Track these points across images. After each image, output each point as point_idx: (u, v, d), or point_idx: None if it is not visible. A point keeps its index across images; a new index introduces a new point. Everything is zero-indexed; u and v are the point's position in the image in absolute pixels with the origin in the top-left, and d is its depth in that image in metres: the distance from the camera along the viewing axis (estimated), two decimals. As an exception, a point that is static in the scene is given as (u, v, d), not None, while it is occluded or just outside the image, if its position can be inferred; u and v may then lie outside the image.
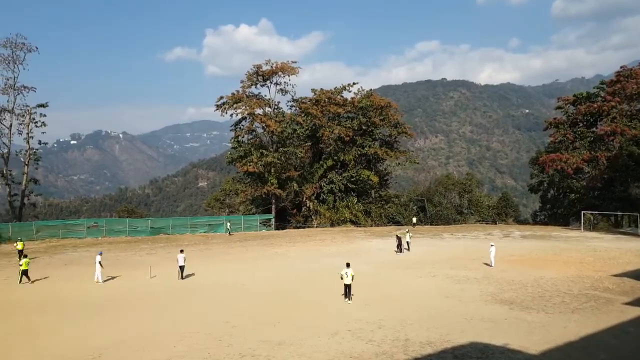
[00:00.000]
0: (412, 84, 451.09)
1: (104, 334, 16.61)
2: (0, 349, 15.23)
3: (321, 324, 17.47)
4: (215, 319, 18.30)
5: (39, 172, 60.60)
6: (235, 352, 14.60)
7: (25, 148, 55.80)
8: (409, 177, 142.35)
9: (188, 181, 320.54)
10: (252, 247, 41.29)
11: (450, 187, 73.11)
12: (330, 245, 42.36)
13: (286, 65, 62.51)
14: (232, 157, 64.22)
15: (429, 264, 31.25)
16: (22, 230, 47.83)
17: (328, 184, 65.34)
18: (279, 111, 65.75)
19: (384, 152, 67.83)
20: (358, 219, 63.62)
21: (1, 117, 53.35)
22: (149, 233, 51.66)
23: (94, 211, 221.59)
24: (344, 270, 20.88)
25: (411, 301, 21.14)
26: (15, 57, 53.51)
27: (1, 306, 20.93)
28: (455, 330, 16.66)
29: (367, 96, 69.83)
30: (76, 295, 23.11)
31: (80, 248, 41.26)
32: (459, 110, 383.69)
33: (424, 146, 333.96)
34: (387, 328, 16.98)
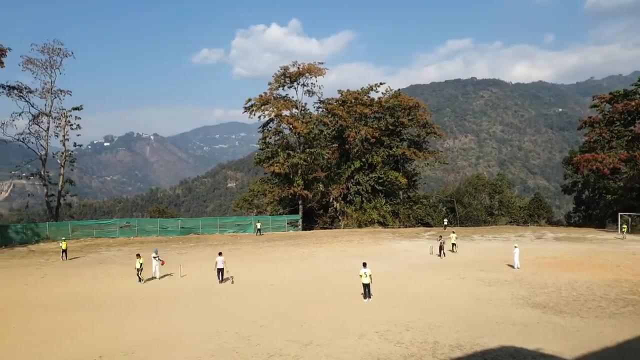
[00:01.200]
0: (441, 84, 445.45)
1: (137, 332, 16.98)
2: (40, 344, 15.76)
3: (348, 325, 17.41)
4: (244, 318, 18.47)
5: (74, 174, 62.48)
6: (263, 352, 14.70)
7: (62, 150, 57.55)
8: (438, 178, 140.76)
9: (217, 182, 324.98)
10: (279, 248, 41.54)
11: (480, 187, 71.80)
12: (357, 246, 42.21)
13: (313, 67, 62.71)
14: (259, 158, 64.85)
15: (458, 265, 30.77)
16: (58, 229, 49.49)
17: (355, 185, 65.15)
18: (306, 112, 65.98)
19: (412, 153, 67.19)
20: (386, 220, 63.19)
21: (39, 120, 55.15)
22: (179, 233, 52.62)
23: (126, 211, 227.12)
24: (362, 270, 21.19)
25: (440, 303, 20.84)
26: (53, 62, 55.31)
27: (39, 303, 21.67)
28: (485, 334, 16.34)
29: (395, 96, 69.31)
30: (110, 293, 23.72)
31: (113, 247, 42.35)
32: (489, 110, 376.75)
33: (454, 146, 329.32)
34: (415, 330, 16.79)
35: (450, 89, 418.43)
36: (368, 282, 21.05)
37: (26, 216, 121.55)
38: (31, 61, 53.82)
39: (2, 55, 47.86)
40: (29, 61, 53.73)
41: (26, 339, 16.33)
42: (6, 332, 17.09)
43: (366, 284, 21.09)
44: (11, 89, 52.27)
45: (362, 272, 21.17)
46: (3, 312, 19.97)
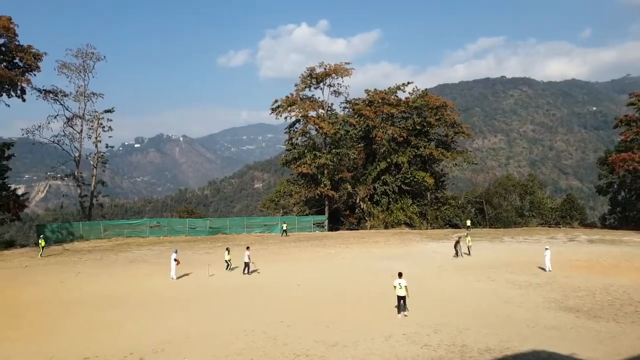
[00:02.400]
0: (469, 83, 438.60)
1: (166, 330, 17.28)
2: (74, 340, 16.22)
3: (375, 327, 17.29)
4: (271, 318, 18.57)
5: (106, 174, 64.14)
6: (290, 352, 14.74)
7: (94, 151, 59.07)
8: (467, 178, 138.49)
9: (244, 182, 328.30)
10: (305, 248, 41.63)
11: (510, 188, 70.28)
12: (384, 247, 41.93)
13: (339, 67, 62.64)
14: (286, 159, 65.16)
15: (487, 268, 30.22)
16: (91, 229, 50.87)
17: (382, 185, 64.72)
18: (332, 113, 65.96)
19: (439, 153, 66.31)
20: (413, 221, 62.54)
21: (73, 123, 56.74)
22: (208, 233, 53.34)
23: (156, 211, 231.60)
24: (397, 281, 18.98)
25: (469, 306, 20.49)
26: (86, 66, 56.80)
27: (73, 300, 22.30)
28: (516, 337, 15.97)
29: (422, 96, 68.58)
30: (140, 291, 24.22)
31: (143, 246, 43.25)
32: (519, 109, 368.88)
33: (483, 146, 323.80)
34: (443, 333, 16.55)
35: (479, 88, 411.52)
36: (404, 294, 18.73)
37: (61, 216, 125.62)
38: (66, 65, 55.46)
39: (38, 60, 49.50)
40: (64, 65, 55.38)
41: (61, 335, 16.83)
42: (43, 328, 17.66)
43: (401, 297, 18.76)
44: (47, 92, 53.93)
45: (397, 282, 18.92)
46: (40, 309, 20.63)
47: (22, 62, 48.65)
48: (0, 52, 47.87)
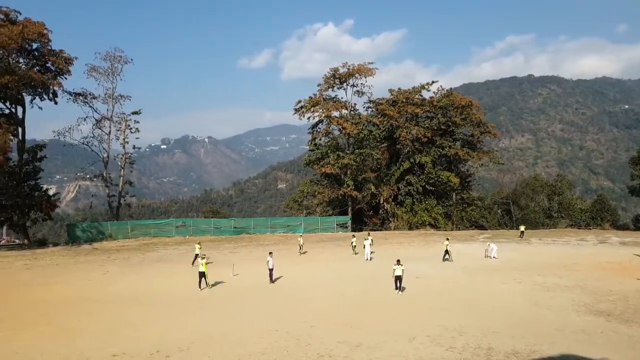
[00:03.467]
0: (496, 81, 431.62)
1: (192, 328, 17.51)
2: (104, 337, 16.60)
3: (399, 328, 17.15)
4: (294, 318, 18.62)
5: (134, 175, 65.30)
6: (313, 352, 14.75)
7: (122, 152, 60.35)
8: (493, 179, 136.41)
9: (268, 183, 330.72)
10: (329, 249, 41.62)
11: (538, 189, 68.82)
12: (408, 248, 41.58)
13: (363, 67, 62.45)
14: (309, 159, 65.26)
15: (514, 269, 29.64)
16: (119, 228, 52.00)
17: (406, 185, 64.18)
18: (356, 113, 65.78)
19: (465, 153, 65.38)
20: (438, 222, 61.80)
21: (102, 125, 58.10)
22: (232, 233, 53.86)
23: (182, 211, 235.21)
24: (395, 266, 23.41)
25: (495, 308, 20.14)
26: (114, 69, 58.13)
27: (102, 298, 22.83)
28: (544, 341, 15.61)
29: (447, 95, 67.77)
30: (167, 290, 24.61)
31: (169, 246, 43.95)
32: (547, 108, 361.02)
33: (509, 146, 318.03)
34: (469, 335, 16.29)
35: (506, 86, 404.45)
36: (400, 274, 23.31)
37: (90, 215, 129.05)
38: (95, 69, 56.85)
39: (69, 64, 50.89)
40: (93, 69, 56.78)
41: (90, 331, 17.24)
42: (73, 325, 18.12)
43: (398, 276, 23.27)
44: (77, 95, 55.38)
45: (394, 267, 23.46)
46: (70, 306, 21.18)
47: (54, 66, 50.14)
48: (34, 57, 49.46)
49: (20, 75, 44.99)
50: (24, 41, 46.04)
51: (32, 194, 48.87)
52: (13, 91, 46.91)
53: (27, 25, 46.28)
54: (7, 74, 43.24)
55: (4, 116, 47.32)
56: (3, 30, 43.99)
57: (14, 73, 44.17)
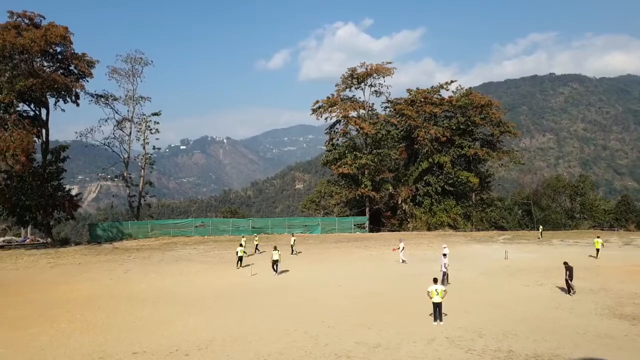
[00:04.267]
0: (516, 80, 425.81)
1: (210, 327, 17.66)
2: (125, 335, 16.84)
3: (417, 330, 17.02)
4: (312, 319, 18.62)
5: (154, 175, 66.18)
6: (330, 352, 14.72)
7: (142, 153, 61.23)
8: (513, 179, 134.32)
9: (286, 183, 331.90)
10: (346, 249, 41.54)
11: (560, 189, 67.66)
12: (426, 249, 41.24)
13: (381, 67, 62.25)
14: (326, 160, 65.29)
15: (535, 271, 29.16)
16: (139, 228, 52.77)
17: (424, 186, 63.74)
18: (373, 113, 65.59)
19: (485, 153, 64.67)
20: (457, 223, 61.22)
21: (122, 126, 59.03)
22: (250, 232, 54.13)
23: (201, 211, 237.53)
24: (432, 287, 17.77)
25: (515, 310, 19.83)
26: (134, 70, 59.04)
27: (123, 297, 23.19)
28: (566, 345, 15.31)
29: (466, 94, 67.11)
30: (186, 289, 24.87)
31: (188, 246, 44.40)
32: (569, 107, 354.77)
33: (530, 146, 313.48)
34: (489, 337, 16.08)
35: (527, 85, 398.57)
36: (439, 300, 17.59)
37: (111, 215, 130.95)
38: (116, 71, 57.84)
39: (91, 67, 51.82)
40: (114, 71, 57.77)
41: (112, 329, 17.51)
42: (95, 323, 18.44)
43: (437, 303, 17.61)
44: (99, 97, 56.36)
45: (433, 288, 17.71)
46: (92, 304, 21.56)
47: (76, 69, 51.09)
48: (57, 60, 50.47)
49: (44, 78, 45.94)
50: (48, 45, 46.97)
51: (55, 194, 49.88)
52: (37, 94, 47.93)
53: (50, 29, 47.24)
54: (31, 77, 44.21)
55: (28, 118, 48.33)
56: (27, 34, 44.99)
57: (38, 76, 45.13)
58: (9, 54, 43.75)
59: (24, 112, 49.08)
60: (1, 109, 44.34)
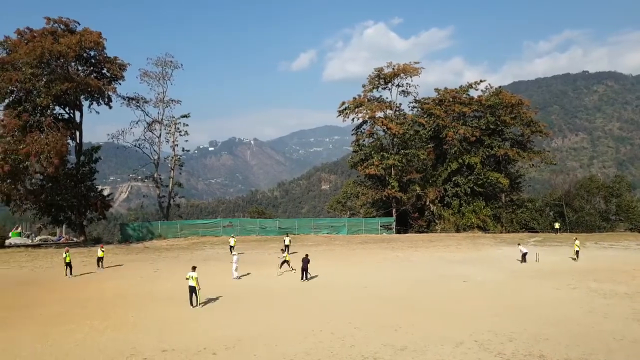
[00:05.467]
0: (547, 79, 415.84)
1: (238, 327, 17.83)
2: (155, 332, 17.18)
3: (445, 332, 16.78)
4: (338, 320, 18.59)
5: (183, 176, 67.11)
6: (357, 354, 14.67)
7: (172, 154, 62.33)
8: (545, 180, 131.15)
9: (312, 184, 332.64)
10: (373, 250, 41.32)
11: (594, 190, 65.54)
12: (455, 251, 40.66)
13: (408, 67, 61.68)
14: (353, 161, 65.06)
15: (568, 274, 28.37)
16: (169, 228, 53.77)
17: (453, 187, 62.81)
18: (400, 113, 65.05)
19: (515, 153, 63.28)
20: (486, 224, 60.09)
21: (153, 128, 60.28)
22: (277, 233, 54.49)
23: (228, 212, 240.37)
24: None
25: (547, 314, 19.33)
26: (165, 73, 60.23)
27: (153, 295, 23.66)
28: (600, 350, 14.84)
29: (496, 93, 65.83)
30: (214, 289, 25.13)
31: (216, 245, 44.97)
32: (604, 105, 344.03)
33: (562, 146, 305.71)
34: (519, 342, 15.72)
35: (559, 84, 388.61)
36: None
37: (141, 215, 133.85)
38: (147, 74, 59.13)
39: (123, 70, 53.12)
40: (145, 74, 59.06)
41: (142, 327, 17.89)
42: (126, 321, 18.87)
43: None
44: (130, 99, 57.72)
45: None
46: (123, 302, 22.07)
47: (109, 72, 52.45)
48: (91, 64, 51.96)
49: (79, 82, 47.36)
50: (82, 50, 48.43)
51: (88, 194, 51.30)
52: (72, 97, 49.47)
53: (84, 34, 48.69)
54: (66, 81, 45.64)
55: (63, 121, 49.88)
56: (63, 40, 46.46)
57: (72, 80, 46.55)
58: (47, 60, 45.23)
59: (59, 114, 50.68)
60: (38, 112, 45.91)
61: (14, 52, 45.36)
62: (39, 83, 44.36)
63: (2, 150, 40.87)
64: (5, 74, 43.80)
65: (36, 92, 44.76)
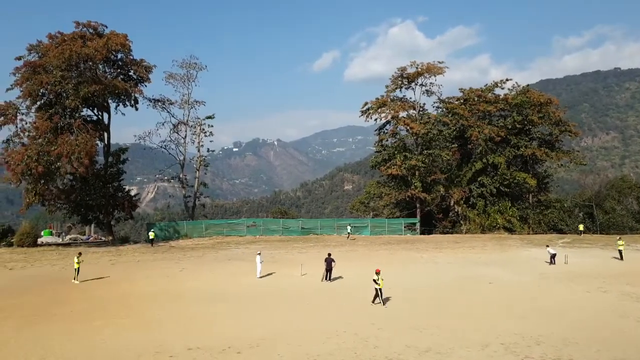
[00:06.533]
0: (576, 77, 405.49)
1: (262, 326, 17.93)
2: (181, 331, 17.43)
3: (471, 335, 16.51)
4: (362, 320, 18.50)
5: (208, 177, 67.89)
6: (381, 355, 14.56)
7: (197, 155, 63.19)
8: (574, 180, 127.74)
9: (334, 184, 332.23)
10: (396, 251, 40.99)
11: (626, 191, 63.60)
12: (480, 252, 40.00)
13: (432, 66, 60.99)
14: (376, 161, 64.69)
15: (598, 277, 27.59)
16: (194, 227, 54.49)
17: (478, 187, 61.80)
18: (424, 113, 64.38)
19: (543, 153, 61.88)
20: (513, 225, 58.90)
21: (178, 129, 61.22)
22: (300, 233, 54.66)
23: (252, 212, 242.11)
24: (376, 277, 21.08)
25: (576, 318, 18.83)
26: (190, 75, 61.13)
27: (179, 294, 23.99)
28: (633, 356, 14.37)
29: (523, 92, 64.50)
30: (238, 288, 25.40)
31: (241, 245, 45.35)
32: (637, 103, 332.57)
33: (592, 145, 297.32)
34: (547, 345, 15.35)
35: (588, 82, 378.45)
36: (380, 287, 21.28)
37: (167, 215, 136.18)
38: (172, 76, 60.14)
39: (149, 72, 54.08)
40: (171, 76, 60.07)
41: (168, 325, 18.16)
42: (152, 319, 19.19)
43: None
44: (156, 101, 58.74)
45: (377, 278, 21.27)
46: (150, 301, 22.46)
47: (135, 74, 53.47)
48: (118, 66, 53.05)
49: (106, 84, 48.41)
50: (109, 52, 49.49)
51: (116, 194, 52.40)
52: (100, 99, 50.58)
53: (111, 37, 49.75)
54: (94, 84, 46.71)
55: (91, 122, 51.01)
56: (91, 43, 47.62)
57: (101, 82, 47.62)
58: (75, 63, 46.39)
59: (87, 116, 51.88)
60: (67, 114, 47.11)
61: (45, 55, 46.67)
62: (68, 86, 45.49)
63: (35, 152, 42.13)
64: (37, 77, 45.07)
65: (65, 94, 45.92)
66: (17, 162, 41.84)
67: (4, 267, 32.47)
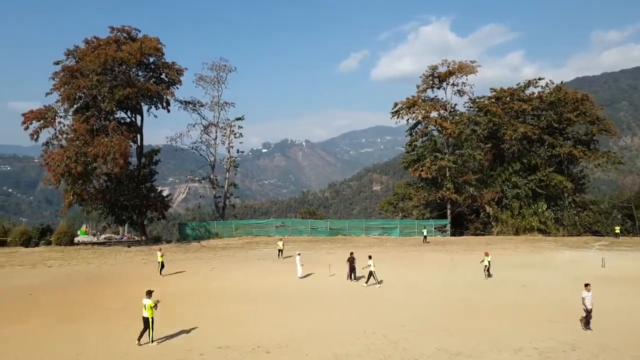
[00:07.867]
0: (614, 74, 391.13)
1: (290, 326, 18.01)
2: (210, 330, 17.69)
3: (503, 338, 16.15)
4: (391, 322, 18.35)
5: (238, 177, 68.84)
6: (410, 357, 14.41)
7: (227, 156, 63.95)
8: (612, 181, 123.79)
9: (363, 185, 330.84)
10: (427, 253, 40.52)
11: (667, 192, 60.99)
12: (513, 255, 39.12)
13: (464, 65, 59.94)
14: (406, 162, 63.96)
15: (636, 281, 26.56)
16: (224, 227, 55.20)
17: (512, 188, 60.37)
18: (456, 113, 63.34)
19: (579, 152, 60.00)
20: (547, 227, 57.28)
21: (209, 130, 62.11)
22: (328, 233, 54.63)
23: (281, 212, 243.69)
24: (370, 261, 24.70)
25: (613, 323, 18.19)
26: (219, 77, 61.93)
27: (209, 293, 24.37)
28: (676, 364, 13.76)
29: (558, 89, 62.68)
30: (267, 288, 25.59)
31: (270, 245, 45.63)
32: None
33: (632, 145, 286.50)
34: (583, 351, 14.88)
35: (627, 78, 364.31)
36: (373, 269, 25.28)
37: (198, 215, 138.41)
38: (202, 78, 61.05)
39: (180, 75, 55.12)
40: (201, 78, 61.01)
41: (198, 324, 18.43)
42: (183, 317, 19.53)
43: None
44: (187, 103, 59.78)
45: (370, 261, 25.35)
46: (180, 300, 22.86)
47: (167, 77, 54.59)
48: (150, 70, 54.28)
49: (140, 87, 49.62)
50: (142, 56, 50.69)
51: (148, 195, 53.58)
52: (133, 102, 51.87)
53: (144, 41, 50.98)
54: (128, 87, 47.96)
55: (125, 124, 52.36)
56: (125, 47, 48.91)
57: (134, 85, 48.85)
58: (110, 67, 47.76)
59: (121, 119, 53.28)
60: (102, 116, 48.50)
61: (82, 60, 48.18)
62: (103, 89, 46.81)
63: (74, 153, 43.53)
64: (74, 81, 46.57)
65: (101, 97, 47.27)
66: (57, 163, 43.25)
67: (44, 265, 33.69)
